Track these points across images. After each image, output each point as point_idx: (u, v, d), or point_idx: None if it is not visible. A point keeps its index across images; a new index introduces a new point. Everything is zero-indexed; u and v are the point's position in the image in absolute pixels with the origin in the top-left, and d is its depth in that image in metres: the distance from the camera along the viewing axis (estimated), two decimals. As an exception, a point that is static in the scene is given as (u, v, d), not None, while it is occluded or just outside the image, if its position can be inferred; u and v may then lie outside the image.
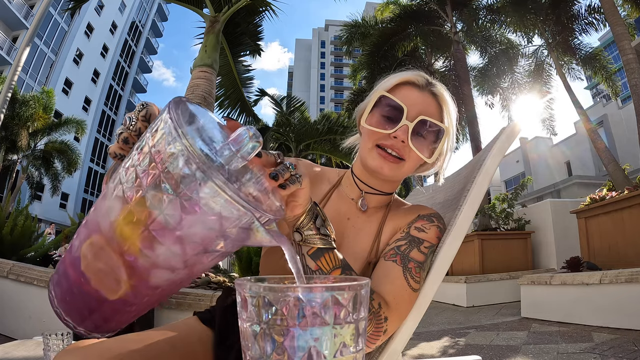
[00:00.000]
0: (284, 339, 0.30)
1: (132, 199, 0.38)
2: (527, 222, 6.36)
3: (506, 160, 22.44)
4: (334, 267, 0.59)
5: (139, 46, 36.35)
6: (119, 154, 0.45)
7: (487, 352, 2.74)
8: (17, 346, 1.34)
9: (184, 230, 0.37)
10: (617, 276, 3.15)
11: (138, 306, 0.44)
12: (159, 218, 0.37)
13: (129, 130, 0.45)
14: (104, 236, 0.40)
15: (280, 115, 11.78)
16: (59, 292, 0.45)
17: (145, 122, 0.45)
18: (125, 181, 0.39)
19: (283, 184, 0.47)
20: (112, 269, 0.40)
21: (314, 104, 51.33)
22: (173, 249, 0.38)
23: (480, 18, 10.86)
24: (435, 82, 0.77)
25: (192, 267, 0.41)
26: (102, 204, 0.42)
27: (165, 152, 0.36)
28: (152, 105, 0.47)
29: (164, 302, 2.65)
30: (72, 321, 0.44)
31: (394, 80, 0.76)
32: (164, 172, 0.36)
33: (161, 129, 0.37)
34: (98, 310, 0.43)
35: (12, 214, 3.45)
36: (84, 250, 0.42)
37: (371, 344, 0.64)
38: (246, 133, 0.40)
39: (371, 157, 0.73)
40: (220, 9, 5.46)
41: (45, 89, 15.89)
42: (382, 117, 0.73)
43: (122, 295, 0.41)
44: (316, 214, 0.58)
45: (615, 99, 11.69)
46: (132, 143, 0.45)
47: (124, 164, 0.41)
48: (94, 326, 0.44)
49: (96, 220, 0.42)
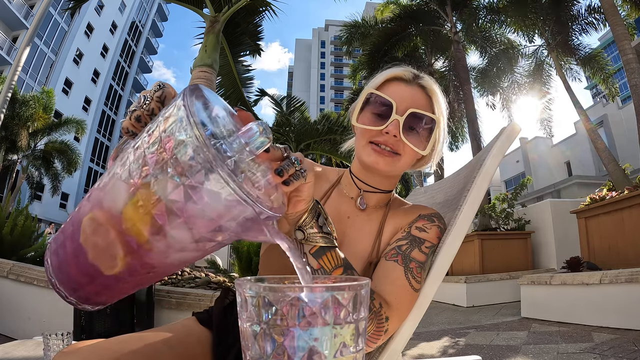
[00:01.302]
0: (284, 339, 0.30)
1: (138, 180, 0.38)
2: (527, 222, 6.36)
3: (506, 160, 22.44)
4: (335, 266, 0.59)
5: (139, 46, 36.36)
6: (131, 130, 0.46)
7: (487, 352, 2.74)
8: (17, 346, 1.34)
9: (185, 217, 0.37)
10: (617, 276, 3.15)
11: (131, 284, 0.44)
12: (161, 202, 0.37)
13: (142, 109, 0.45)
14: (105, 212, 0.41)
15: (280, 115, 11.78)
16: (55, 261, 0.45)
17: (159, 104, 0.45)
18: (132, 161, 0.39)
19: (287, 181, 0.47)
20: (110, 245, 0.41)
21: (314, 104, 51.33)
22: (172, 234, 0.38)
23: (480, 18, 10.86)
24: (422, 75, 0.78)
25: (188, 253, 0.41)
26: (107, 181, 0.42)
27: (175, 139, 0.36)
28: (168, 87, 0.47)
29: (164, 303, 2.66)
30: (65, 291, 0.45)
31: (382, 78, 0.77)
32: (172, 158, 0.36)
33: (174, 115, 0.38)
34: (91, 284, 0.43)
35: (12, 214, 3.45)
36: (84, 223, 0.43)
37: (372, 343, 0.64)
38: (257, 128, 0.40)
39: (366, 154, 0.73)
40: (220, 9, 5.46)
41: (45, 89, 15.89)
42: (372, 114, 0.73)
43: (117, 272, 0.42)
44: (318, 213, 0.57)
45: (612, 100, 11.68)
46: (144, 122, 0.45)
47: (134, 144, 0.42)
48: (85, 298, 0.45)
49: (100, 196, 0.42)
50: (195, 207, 0.36)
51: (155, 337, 0.68)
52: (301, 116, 12.15)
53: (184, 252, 0.41)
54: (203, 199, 0.36)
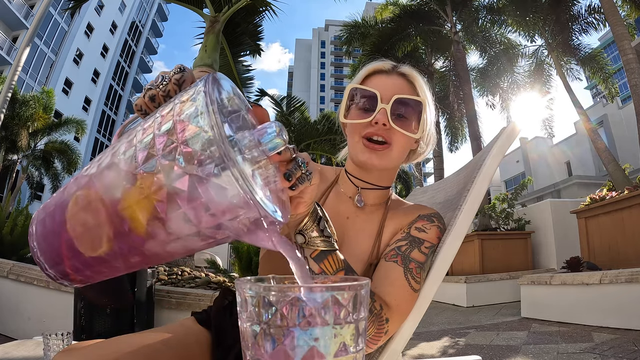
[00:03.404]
0: (284, 339, 0.30)
1: (143, 162, 0.36)
2: (527, 222, 6.36)
3: (506, 160, 22.44)
4: (337, 270, 0.58)
5: (139, 46, 36.36)
6: (144, 109, 0.45)
7: (487, 352, 2.74)
8: (17, 346, 1.34)
9: (185, 208, 0.35)
10: (617, 276, 3.15)
11: (113, 268, 0.42)
12: (164, 189, 0.35)
13: (159, 89, 0.44)
14: (100, 190, 0.39)
15: (281, 115, 11.78)
16: (40, 229, 0.44)
17: (176, 86, 0.44)
18: (139, 141, 0.37)
19: (293, 185, 0.46)
20: (98, 225, 0.39)
21: (314, 104, 51.32)
22: (167, 224, 0.37)
23: (480, 18, 10.86)
24: (400, 64, 0.79)
25: (182, 245, 0.39)
26: (110, 158, 0.40)
27: (189, 126, 0.35)
28: (189, 72, 0.46)
29: (164, 303, 2.66)
30: (45, 262, 0.43)
31: (363, 73, 0.78)
32: (183, 144, 0.34)
33: (192, 100, 0.36)
34: (72, 260, 0.41)
35: (12, 214, 3.46)
36: (76, 198, 0.41)
37: (373, 344, 0.64)
38: (273, 128, 0.39)
39: (359, 151, 0.74)
40: (220, 9, 5.46)
41: (45, 89, 15.87)
42: (359, 109, 0.73)
43: (101, 254, 0.40)
44: (319, 216, 0.57)
45: (612, 100, 11.67)
46: (158, 103, 0.44)
47: (144, 123, 0.40)
48: (64, 273, 0.43)
49: (99, 171, 0.40)
50: (198, 200, 0.35)
51: (155, 338, 0.68)
52: (301, 116, 12.16)
53: (177, 243, 0.38)
54: (208, 192, 0.34)
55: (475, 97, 11.21)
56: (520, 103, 11.53)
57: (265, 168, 0.42)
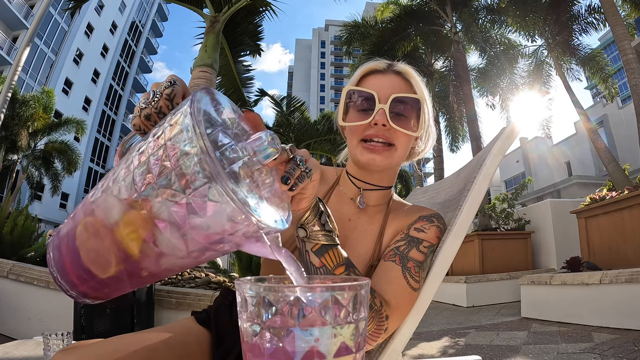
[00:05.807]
0: (284, 339, 0.30)
1: (140, 188, 0.38)
2: (527, 222, 6.36)
3: (506, 160, 22.44)
4: (338, 264, 0.59)
5: (139, 46, 36.34)
6: (142, 128, 0.45)
7: (487, 352, 2.74)
8: (17, 346, 1.34)
9: (186, 228, 0.37)
10: (617, 276, 3.15)
11: (130, 284, 0.45)
12: (163, 213, 0.37)
13: (151, 106, 0.45)
14: (104, 217, 0.41)
15: (281, 115, 11.79)
16: (57, 255, 0.46)
17: (168, 102, 0.44)
18: (136, 167, 0.39)
19: (292, 186, 0.46)
20: (107, 250, 0.41)
21: (314, 104, 51.33)
22: (171, 245, 0.38)
23: (480, 18, 10.86)
24: (395, 63, 0.78)
25: (187, 260, 0.42)
26: (110, 184, 0.42)
27: (180, 149, 0.36)
28: (179, 86, 0.46)
29: (164, 303, 2.66)
30: (66, 284, 0.45)
31: (358, 74, 0.78)
32: (175, 169, 0.36)
33: (180, 124, 0.37)
34: (88, 282, 0.44)
35: (12, 214, 3.45)
36: (82, 227, 0.43)
37: (372, 341, 0.64)
38: (266, 138, 0.40)
39: (359, 153, 0.73)
40: (220, 9, 5.46)
41: (45, 89, 15.86)
42: (357, 111, 0.73)
43: (113, 274, 0.42)
44: (321, 211, 0.57)
45: (611, 100, 11.67)
46: (154, 121, 0.45)
47: (139, 147, 0.41)
48: (84, 293, 0.46)
49: (102, 199, 0.42)
50: (196, 221, 0.36)
51: (155, 337, 0.68)
52: (301, 116, 12.17)
53: (183, 260, 0.41)
54: (205, 213, 0.36)
55: (475, 98, 11.22)
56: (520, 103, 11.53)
57: (263, 174, 0.43)
